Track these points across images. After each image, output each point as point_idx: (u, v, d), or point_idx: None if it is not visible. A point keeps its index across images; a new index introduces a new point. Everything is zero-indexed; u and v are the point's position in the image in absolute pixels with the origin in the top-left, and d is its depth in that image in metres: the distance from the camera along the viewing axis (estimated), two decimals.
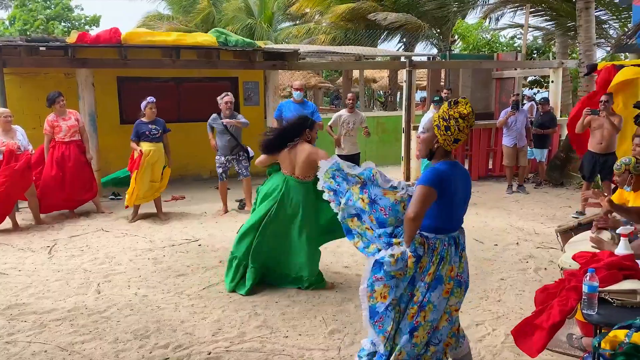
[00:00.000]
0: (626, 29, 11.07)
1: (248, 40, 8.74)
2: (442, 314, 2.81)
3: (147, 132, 6.79)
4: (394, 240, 2.82)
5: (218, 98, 7.23)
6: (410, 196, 2.81)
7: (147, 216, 7.19)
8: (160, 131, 6.87)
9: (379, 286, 2.78)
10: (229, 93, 7.32)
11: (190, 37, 8.31)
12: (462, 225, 2.96)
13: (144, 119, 6.87)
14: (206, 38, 8.40)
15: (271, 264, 4.71)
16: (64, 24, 23.48)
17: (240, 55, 8.85)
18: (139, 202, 6.97)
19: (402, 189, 2.92)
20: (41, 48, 7.86)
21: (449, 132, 2.69)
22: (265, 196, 4.69)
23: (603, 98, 6.91)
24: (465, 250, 2.91)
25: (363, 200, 2.90)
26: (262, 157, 4.70)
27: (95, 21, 24.57)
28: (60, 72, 8.69)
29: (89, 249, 5.86)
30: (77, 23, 23.80)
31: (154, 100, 6.84)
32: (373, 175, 2.92)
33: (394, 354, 2.79)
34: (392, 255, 2.73)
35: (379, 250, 2.85)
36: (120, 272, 5.14)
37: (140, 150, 6.71)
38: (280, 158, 4.61)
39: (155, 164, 6.90)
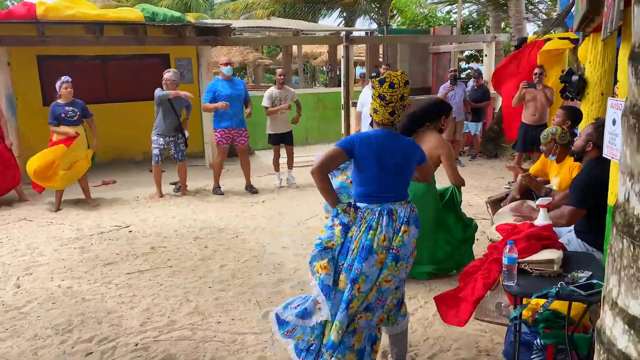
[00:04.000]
0: (557, 9, 11.41)
1: (177, 14, 8.33)
2: (374, 285, 2.77)
3: (63, 115, 6.32)
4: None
5: (164, 72, 6.90)
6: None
7: (74, 203, 6.84)
8: (78, 114, 6.41)
9: (316, 260, 2.82)
10: (173, 70, 7.02)
11: (114, 11, 7.83)
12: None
13: (60, 101, 6.40)
14: (131, 13, 7.94)
15: None
16: None
17: (170, 31, 8.46)
18: (55, 188, 6.54)
19: (348, 168, 3.03)
20: None
21: (372, 101, 2.85)
22: None
23: (537, 71, 7.08)
24: (410, 225, 2.78)
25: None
26: None
27: None
28: None
29: (9, 240, 5.50)
30: None
31: (69, 80, 6.38)
32: None
33: (335, 331, 2.74)
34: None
35: None
36: (42, 264, 4.85)
37: (75, 132, 6.30)
38: None
39: (77, 150, 6.45)
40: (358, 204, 2.85)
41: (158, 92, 6.74)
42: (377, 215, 2.75)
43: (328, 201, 2.88)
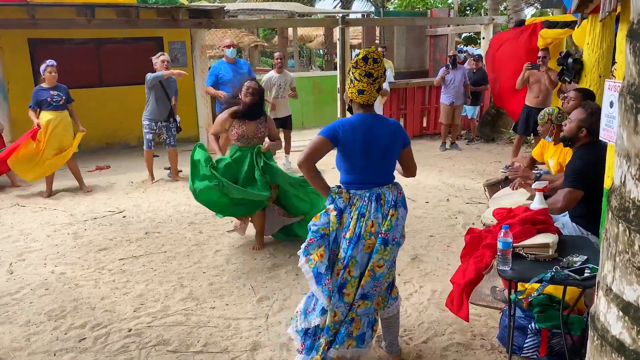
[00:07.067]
0: None
1: None
2: (365, 269, 2.75)
3: (48, 99, 6.22)
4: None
5: (153, 58, 6.81)
6: None
7: (67, 189, 6.78)
8: (63, 98, 6.31)
9: (313, 248, 2.77)
10: (165, 53, 6.90)
11: None
12: (397, 182, 2.86)
13: (44, 85, 6.30)
14: None
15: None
16: None
17: (163, 13, 8.34)
18: (44, 175, 6.47)
19: None
20: None
21: (352, 84, 2.73)
22: None
23: (541, 54, 6.98)
24: (398, 208, 2.76)
25: None
26: None
27: None
28: None
29: (2, 227, 5.45)
30: None
31: (55, 64, 6.26)
32: None
33: (330, 316, 2.73)
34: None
35: None
36: (36, 250, 4.82)
37: (37, 124, 6.19)
38: None
39: (63, 135, 6.36)
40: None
41: (150, 75, 6.66)
42: (366, 201, 2.72)
43: (319, 189, 2.85)
